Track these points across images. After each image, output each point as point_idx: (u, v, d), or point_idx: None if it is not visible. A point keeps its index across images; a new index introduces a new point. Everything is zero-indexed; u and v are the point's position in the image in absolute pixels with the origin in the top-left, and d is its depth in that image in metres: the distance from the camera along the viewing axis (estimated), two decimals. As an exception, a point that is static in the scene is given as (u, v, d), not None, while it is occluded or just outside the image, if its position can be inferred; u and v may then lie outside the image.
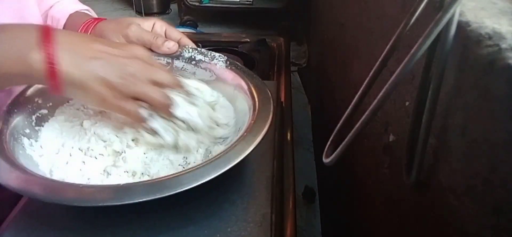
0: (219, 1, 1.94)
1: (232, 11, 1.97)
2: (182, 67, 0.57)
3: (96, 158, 0.46)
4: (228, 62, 0.55)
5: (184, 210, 0.41)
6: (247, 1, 1.92)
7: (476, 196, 0.28)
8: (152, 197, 0.35)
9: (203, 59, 0.56)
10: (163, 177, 0.38)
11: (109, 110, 0.48)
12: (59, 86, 0.40)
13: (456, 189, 0.30)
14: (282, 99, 0.72)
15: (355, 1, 0.70)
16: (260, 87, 0.50)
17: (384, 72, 0.35)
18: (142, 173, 0.44)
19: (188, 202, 0.42)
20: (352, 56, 0.69)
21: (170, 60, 0.57)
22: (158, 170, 0.44)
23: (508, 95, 0.24)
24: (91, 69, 0.41)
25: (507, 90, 0.24)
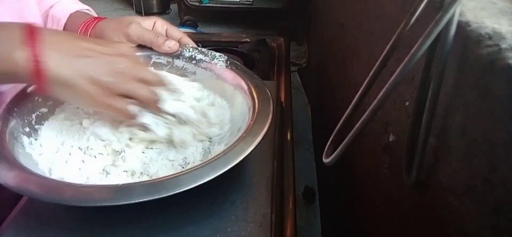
0: (219, 1, 1.94)
1: (232, 11, 1.97)
2: (183, 66, 0.57)
3: (95, 157, 0.46)
4: (229, 62, 0.55)
5: (184, 210, 0.41)
6: (247, 1, 1.92)
7: (476, 196, 0.28)
8: (150, 198, 0.35)
9: (204, 59, 0.56)
10: (162, 178, 0.38)
11: (98, 109, 0.48)
12: (45, 85, 0.40)
13: (456, 189, 0.30)
14: (282, 99, 0.72)
15: (355, 1, 0.70)
16: (260, 88, 0.50)
17: (384, 72, 0.35)
18: (141, 173, 0.44)
19: (188, 202, 0.42)
20: (352, 56, 0.69)
21: (171, 59, 0.57)
22: (157, 169, 0.44)
23: (508, 95, 0.24)
24: (79, 67, 0.40)
25: (507, 90, 0.24)
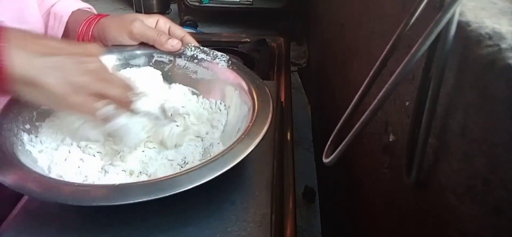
0: (219, 1, 1.93)
1: (232, 11, 1.96)
2: (184, 65, 0.57)
3: (94, 155, 0.46)
4: (230, 62, 0.55)
5: (183, 210, 0.41)
6: (247, 1, 1.92)
7: (476, 196, 0.28)
8: (147, 198, 0.35)
9: (205, 58, 0.57)
10: (160, 178, 0.38)
11: (66, 110, 0.45)
12: (7, 83, 0.38)
13: (456, 189, 0.30)
14: (282, 99, 0.72)
15: (355, 1, 0.70)
16: (260, 88, 0.50)
17: (384, 72, 0.35)
18: (140, 172, 0.44)
19: (188, 202, 0.42)
20: (352, 56, 0.69)
21: (173, 57, 0.57)
22: (156, 169, 0.44)
23: (508, 95, 0.24)
24: (47, 65, 0.39)
25: (507, 90, 0.24)
